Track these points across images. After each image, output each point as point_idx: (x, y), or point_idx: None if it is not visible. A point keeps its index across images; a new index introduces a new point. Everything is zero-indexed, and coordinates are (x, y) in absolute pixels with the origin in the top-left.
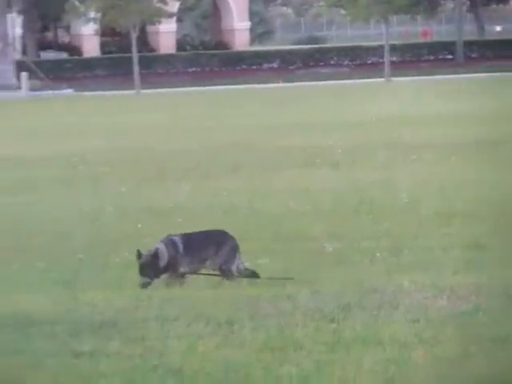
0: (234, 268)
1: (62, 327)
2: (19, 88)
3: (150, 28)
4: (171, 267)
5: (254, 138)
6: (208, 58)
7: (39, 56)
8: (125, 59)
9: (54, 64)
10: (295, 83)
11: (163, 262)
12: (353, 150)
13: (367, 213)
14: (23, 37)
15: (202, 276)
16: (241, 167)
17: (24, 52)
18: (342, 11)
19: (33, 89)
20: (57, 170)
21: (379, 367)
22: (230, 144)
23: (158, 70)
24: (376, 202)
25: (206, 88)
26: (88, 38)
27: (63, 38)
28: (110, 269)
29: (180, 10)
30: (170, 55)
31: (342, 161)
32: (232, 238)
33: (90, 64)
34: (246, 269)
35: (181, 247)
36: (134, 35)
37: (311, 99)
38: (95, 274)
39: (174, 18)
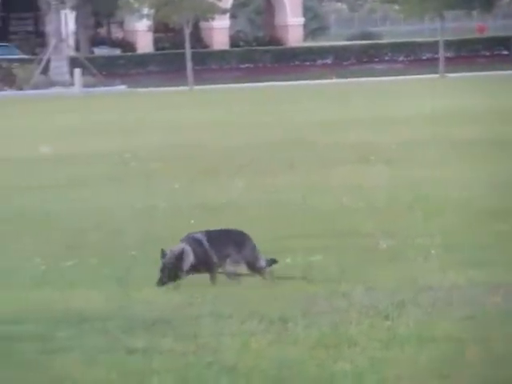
0: (263, 264)
1: (115, 324)
2: (72, 84)
3: (203, 24)
4: (202, 264)
5: (308, 134)
6: (261, 54)
7: (92, 52)
8: (178, 55)
9: (107, 60)
10: (349, 79)
11: (188, 261)
12: (406, 146)
13: (421, 209)
14: (76, 33)
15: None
16: (294, 163)
17: (77, 48)
18: (396, 7)
19: (86, 85)
20: (109, 167)
21: (433, 364)
22: (283, 140)
23: (212, 65)
24: (430, 198)
25: (260, 84)
26: (141, 34)
27: (117, 34)
28: None
29: (233, 5)
30: (224, 51)
31: (396, 157)
32: (249, 237)
33: (143, 60)
34: (268, 260)
35: (206, 244)
36: (187, 31)
37: (365, 95)
38: (148, 270)
39: (228, 14)
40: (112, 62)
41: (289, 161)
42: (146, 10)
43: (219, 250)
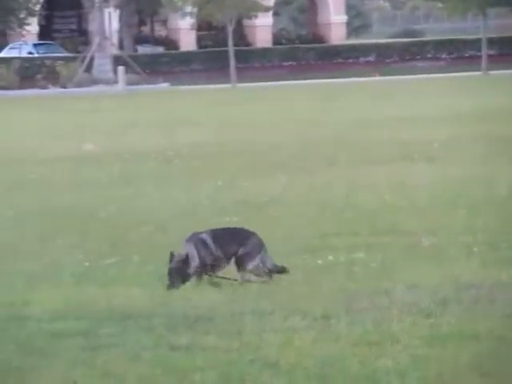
0: (250, 266)
1: (158, 321)
2: (116, 82)
3: (246, 22)
4: (207, 266)
5: (350, 132)
6: (304, 52)
7: (136, 50)
8: (221, 53)
9: (150, 58)
10: (392, 77)
11: (194, 264)
12: (449, 143)
13: (464, 207)
14: (120, 31)
15: (297, 271)
16: (337, 161)
17: (121, 46)
18: (439, 4)
19: (129, 83)
20: (152, 165)
21: (475, 362)
22: (326, 137)
23: (254, 63)
24: (472, 196)
25: (302, 82)
26: (185, 32)
27: (160, 32)
28: None
29: (276, 3)
30: (266, 49)
31: (439, 155)
32: (256, 236)
33: (186, 58)
34: (276, 265)
35: (211, 244)
36: (230, 29)
37: (408, 93)
38: None
39: (271, 12)
40: (155, 60)
41: (332, 158)
42: (189, 8)
43: (225, 250)
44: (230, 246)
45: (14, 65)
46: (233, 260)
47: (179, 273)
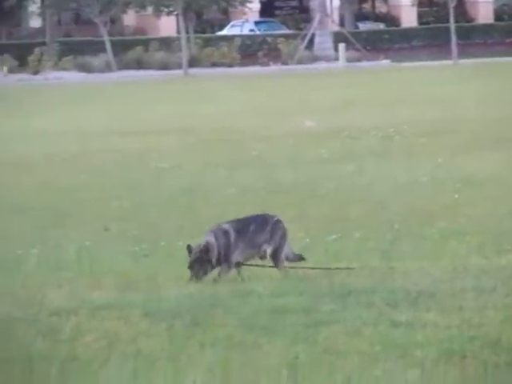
0: (282, 256)
1: (379, 296)
2: (336, 59)
3: None
4: (224, 258)
5: None
6: None
7: (357, 27)
8: (442, 29)
9: (371, 35)
10: None
11: (214, 254)
12: None
13: None
14: (341, 8)
15: None
16: None
17: (341, 23)
18: None
19: (350, 60)
20: (373, 141)
21: None
22: None
23: (476, 40)
24: None
25: None
26: (406, 8)
27: (381, 8)
28: (427, 239)
29: None
30: (488, 25)
31: None
32: (281, 222)
33: (407, 35)
34: (295, 254)
35: (233, 235)
36: (451, 5)
37: None
38: (411, 244)
39: None
40: (376, 37)
41: None
42: None
43: (251, 240)
44: (258, 236)
45: (236, 42)
46: (267, 251)
47: (201, 263)
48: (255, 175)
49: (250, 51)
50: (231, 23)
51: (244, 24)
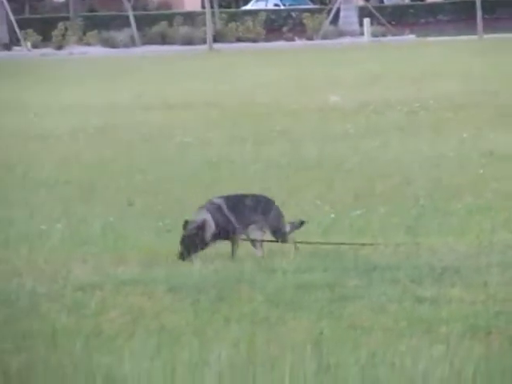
0: (286, 230)
1: (404, 273)
2: (362, 34)
3: None
4: (224, 232)
5: None
6: None
7: (382, 1)
8: (467, 4)
9: (396, 9)
10: None
11: (210, 231)
12: None
13: None
14: None
15: None
16: None
17: None
18: None
19: (375, 35)
20: (399, 116)
21: None
22: None
23: (502, 14)
24: None
25: None
26: None
27: None
28: (452, 214)
29: None
30: None
31: None
32: (273, 202)
33: (432, 9)
34: (292, 223)
35: (226, 210)
36: None
37: None
38: (436, 219)
39: None
40: (401, 12)
41: None
42: None
43: (241, 217)
44: (247, 214)
45: (261, 17)
46: (251, 228)
47: (195, 240)
48: (280, 150)
49: (275, 26)
50: None
51: None
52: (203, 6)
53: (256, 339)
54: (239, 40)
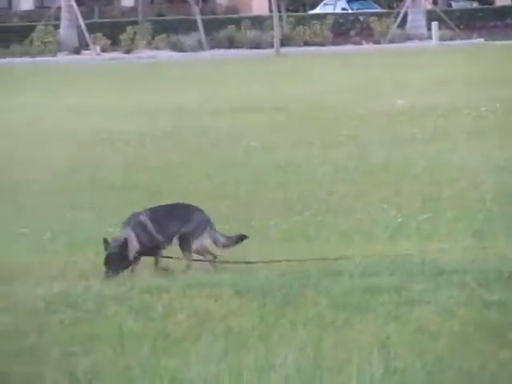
0: (194, 246)
1: (471, 276)
2: (429, 38)
3: None
4: (148, 249)
5: None
6: None
7: (450, 5)
8: None
9: (464, 13)
10: None
11: (133, 249)
12: None
13: None
14: None
15: None
16: None
17: (435, 2)
18: None
19: (443, 38)
20: (466, 120)
21: None
22: None
23: None
24: None
25: None
26: None
27: None
28: None
29: None
30: None
31: None
32: (200, 212)
33: (500, 13)
34: (230, 237)
35: (150, 225)
36: None
37: None
38: (504, 223)
39: None
40: (469, 15)
41: None
42: None
43: (165, 230)
44: (171, 225)
45: (328, 21)
46: (175, 238)
47: (118, 259)
48: (347, 154)
49: (343, 30)
50: (324, 1)
51: (337, 2)
52: (271, 10)
53: (322, 343)
54: (306, 44)
